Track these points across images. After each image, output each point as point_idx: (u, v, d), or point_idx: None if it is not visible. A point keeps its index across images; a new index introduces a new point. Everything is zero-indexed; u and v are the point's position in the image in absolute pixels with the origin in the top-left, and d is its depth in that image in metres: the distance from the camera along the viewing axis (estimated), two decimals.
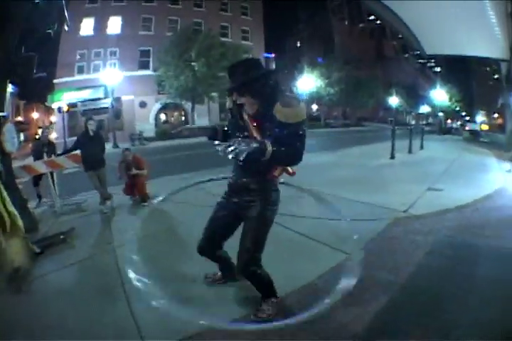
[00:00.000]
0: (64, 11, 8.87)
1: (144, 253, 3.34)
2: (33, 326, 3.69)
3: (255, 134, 3.01)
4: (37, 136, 11.18)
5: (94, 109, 36.04)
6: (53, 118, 42.52)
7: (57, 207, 8.39)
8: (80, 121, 33.83)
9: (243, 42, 42.09)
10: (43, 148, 9.52)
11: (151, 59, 37.91)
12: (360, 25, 73.88)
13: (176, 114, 41.67)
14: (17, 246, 4.84)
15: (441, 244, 4.95)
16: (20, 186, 7.84)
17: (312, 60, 48.69)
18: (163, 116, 41.18)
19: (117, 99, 36.05)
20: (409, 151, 14.51)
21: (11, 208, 5.13)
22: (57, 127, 36.45)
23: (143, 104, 38.00)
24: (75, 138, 9.40)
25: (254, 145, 2.63)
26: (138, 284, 2.75)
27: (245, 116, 3.11)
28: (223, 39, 38.05)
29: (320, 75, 45.11)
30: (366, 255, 3.82)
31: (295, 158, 2.81)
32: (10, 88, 59.46)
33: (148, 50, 38.24)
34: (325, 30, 67.13)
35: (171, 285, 3.86)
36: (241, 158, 2.59)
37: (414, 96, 60.35)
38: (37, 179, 9.21)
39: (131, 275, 2.99)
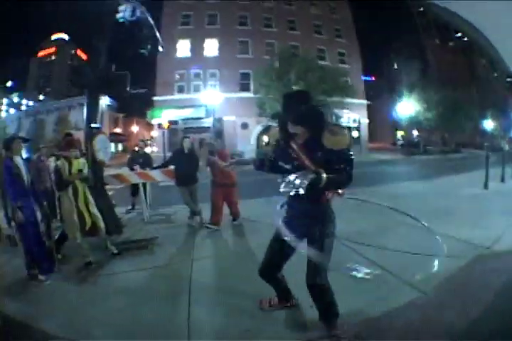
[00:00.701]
0: (155, 32, 9.33)
1: (217, 270, 4.04)
2: (83, 314, 4.24)
3: (306, 162, 3.21)
4: (136, 148, 11.73)
5: (195, 127, 37.14)
6: (154, 134, 44.04)
7: (146, 215, 8.85)
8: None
9: (340, 65, 41.35)
10: (138, 159, 10.07)
11: (251, 81, 37.99)
12: (450, 43, 71.21)
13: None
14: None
15: None
16: (111, 192, 8.37)
17: (409, 82, 47.28)
18: (265, 138, 40.87)
19: (219, 120, 37.11)
20: (502, 180, 13.75)
21: (94, 210, 5.94)
22: (158, 142, 38.03)
23: (245, 126, 38.47)
24: None
25: (311, 176, 2.85)
26: (202, 296, 2.90)
27: (294, 146, 3.33)
28: (321, 62, 37.69)
29: (418, 98, 43.60)
30: (436, 295, 4.13)
31: (346, 181, 3.10)
32: (107, 101, 63.87)
33: (248, 73, 38.49)
34: (418, 49, 65.37)
35: (234, 305, 4.17)
36: (302, 191, 2.81)
37: (506, 118, 56.92)
38: (135, 189, 9.70)
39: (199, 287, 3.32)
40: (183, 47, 40.63)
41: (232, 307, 3.91)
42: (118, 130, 67.16)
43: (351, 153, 3.16)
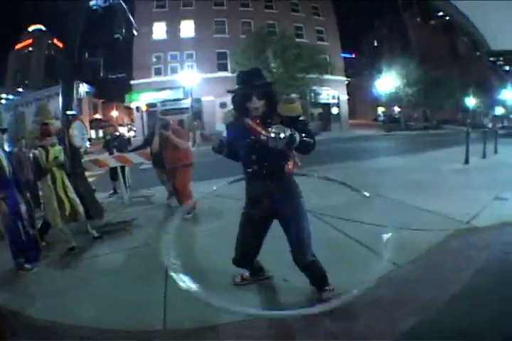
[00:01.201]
0: (128, 17, 9.38)
1: (192, 246, 3.93)
2: (70, 298, 4.34)
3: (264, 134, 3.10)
4: (117, 133, 11.79)
5: (174, 109, 37.33)
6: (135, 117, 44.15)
7: (126, 198, 9.00)
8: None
9: (319, 42, 41.32)
10: (113, 143, 10.18)
11: (228, 61, 37.92)
12: (432, 22, 71.22)
13: None
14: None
15: (495, 260, 4.53)
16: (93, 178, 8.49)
17: (390, 59, 47.28)
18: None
19: (197, 100, 37.28)
20: (483, 156, 13.62)
21: (72, 195, 6.04)
22: (137, 126, 37.97)
23: (223, 105, 38.40)
24: None
25: (288, 132, 2.83)
26: (178, 274, 2.99)
27: (252, 121, 3.32)
28: (299, 40, 37.62)
29: (398, 74, 43.69)
30: (412, 269, 4.12)
31: (313, 144, 3.10)
32: (85, 88, 63.35)
33: (225, 53, 38.49)
34: (399, 28, 65.36)
35: (209, 279, 4.17)
36: (281, 144, 2.82)
37: (489, 96, 57.13)
38: (114, 173, 9.82)
39: (174, 265, 3.43)
40: (159, 30, 40.51)
41: (208, 284, 3.70)
42: (98, 116, 66.82)
43: (306, 120, 3.34)
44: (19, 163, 8.58)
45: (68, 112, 7.79)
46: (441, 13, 63.28)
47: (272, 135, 2.80)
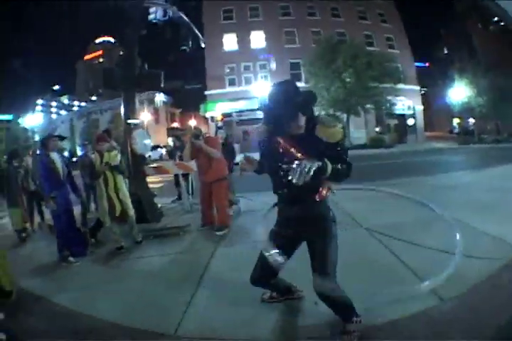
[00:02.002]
0: (193, 29, 9.75)
1: (237, 259, 3.84)
2: (99, 292, 4.77)
3: (300, 157, 2.86)
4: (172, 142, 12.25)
5: (250, 119, 36.78)
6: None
7: (187, 205, 9.31)
8: (236, 129, 36.66)
9: (390, 50, 40.16)
10: (175, 151, 10.57)
11: (302, 71, 37.94)
12: (490, 27, 67.62)
13: None
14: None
15: None
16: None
17: (460, 67, 45.15)
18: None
19: None
20: None
21: (125, 199, 6.45)
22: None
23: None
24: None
25: (317, 163, 2.61)
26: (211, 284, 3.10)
27: (285, 140, 3.02)
28: (369, 48, 36.90)
29: (468, 83, 41.25)
30: (455, 306, 3.66)
31: (348, 173, 2.88)
32: (163, 98, 65.42)
33: (298, 63, 38.42)
34: (464, 35, 62.65)
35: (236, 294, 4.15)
36: (307, 179, 2.58)
37: None
38: (178, 180, 10.21)
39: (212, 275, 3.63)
40: (230, 41, 41.14)
41: (236, 297, 3.94)
42: (175, 124, 68.94)
43: (346, 144, 3.01)
44: (84, 166, 9.21)
45: (129, 121, 8.22)
46: (496, 18, 59.77)
47: (298, 170, 2.59)
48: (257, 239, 6.13)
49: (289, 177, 2.62)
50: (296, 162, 2.62)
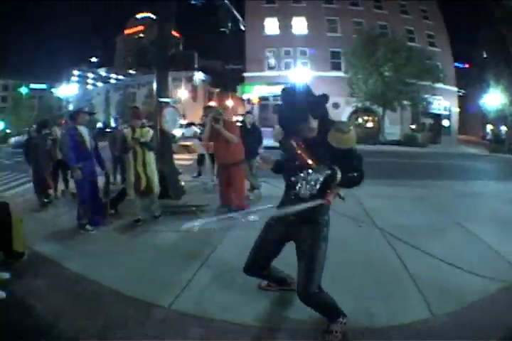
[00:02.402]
0: (233, 11, 9.85)
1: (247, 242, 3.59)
2: (108, 260, 5.09)
3: (310, 161, 2.93)
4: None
5: None
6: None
7: (209, 185, 9.54)
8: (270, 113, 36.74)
9: (430, 48, 39.14)
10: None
11: (341, 60, 37.66)
12: None
13: (367, 118, 40.68)
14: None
15: None
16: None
17: (496, 73, 43.15)
18: (356, 120, 40.31)
19: None
20: None
21: (151, 174, 6.71)
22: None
23: (336, 105, 38.28)
24: (267, 128, 10.15)
25: (327, 171, 2.73)
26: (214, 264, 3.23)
27: (296, 143, 3.07)
28: (410, 43, 36.20)
29: (504, 91, 38.44)
30: (443, 323, 3.55)
31: (359, 180, 2.86)
32: (201, 76, 66.04)
33: (339, 52, 38.00)
34: (502, 41, 60.11)
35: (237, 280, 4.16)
36: (313, 192, 2.80)
37: None
38: (202, 159, 10.46)
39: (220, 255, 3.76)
40: (271, 25, 40.95)
41: (235, 281, 4.02)
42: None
43: (357, 152, 2.94)
44: (115, 139, 9.57)
45: (161, 99, 8.39)
46: None
47: (304, 183, 2.79)
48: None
49: (297, 189, 2.82)
50: (302, 174, 2.80)
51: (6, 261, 4.88)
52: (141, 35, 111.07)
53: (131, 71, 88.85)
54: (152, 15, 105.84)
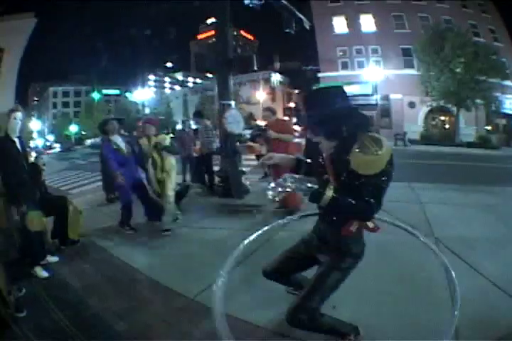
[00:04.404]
0: (294, 12, 9.99)
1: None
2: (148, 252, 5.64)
3: (331, 178, 2.54)
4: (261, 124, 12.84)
5: (361, 104, 34.27)
6: None
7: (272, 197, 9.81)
8: None
9: (494, 43, 37.35)
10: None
11: (414, 58, 36.77)
12: None
13: (443, 118, 39.46)
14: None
15: None
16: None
17: None
18: (433, 120, 39.55)
19: (386, 97, 37.31)
20: None
21: (163, 177, 6.80)
22: None
23: (412, 105, 37.59)
24: None
25: (308, 186, 2.37)
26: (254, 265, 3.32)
27: (323, 154, 2.66)
28: (475, 39, 34.62)
29: None
30: None
31: (362, 212, 2.40)
32: (279, 77, 66.92)
33: (409, 49, 37.11)
34: None
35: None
36: (279, 197, 2.41)
37: None
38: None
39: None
40: (340, 24, 41.03)
41: (266, 283, 3.39)
42: (292, 104, 70.80)
43: (382, 179, 2.33)
44: (181, 141, 10.29)
45: (223, 102, 8.79)
46: None
47: (276, 186, 2.40)
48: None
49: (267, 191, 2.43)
50: (280, 179, 2.41)
51: (59, 247, 5.64)
52: (214, 39, 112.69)
53: (208, 75, 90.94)
54: None
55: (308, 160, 2.92)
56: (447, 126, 38.96)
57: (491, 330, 3.38)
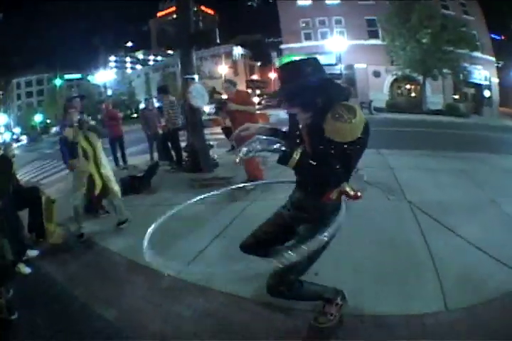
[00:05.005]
0: None
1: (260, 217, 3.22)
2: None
3: (308, 148, 2.47)
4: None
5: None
6: None
7: (239, 156, 9.82)
8: None
9: (464, 16, 37.45)
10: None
11: (379, 28, 37.02)
12: None
13: (409, 87, 40.12)
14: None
15: None
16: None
17: None
18: (398, 88, 40.15)
19: (350, 67, 37.42)
20: None
21: (106, 172, 5.65)
22: None
23: (377, 74, 37.87)
24: None
25: (276, 146, 2.30)
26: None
27: (300, 125, 2.61)
28: (444, 11, 35.12)
29: None
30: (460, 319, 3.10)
31: (328, 179, 2.39)
32: (241, 50, 67.01)
33: (374, 19, 37.32)
34: None
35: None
36: (246, 156, 2.33)
37: None
38: (229, 132, 10.64)
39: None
40: None
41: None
42: (255, 77, 71.69)
43: (353, 148, 2.29)
44: (145, 119, 10.01)
45: (186, 76, 8.63)
46: None
47: (245, 147, 2.33)
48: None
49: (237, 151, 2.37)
50: (250, 140, 2.34)
51: (37, 240, 5.30)
52: (175, 15, 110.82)
53: (169, 51, 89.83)
54: None
55: (285, 130, 2.81)
56: (413, 95, 39.71)
57: (477, 292, 3.42)
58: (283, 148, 2.28)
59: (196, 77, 8.84)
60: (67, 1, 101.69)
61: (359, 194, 2.50)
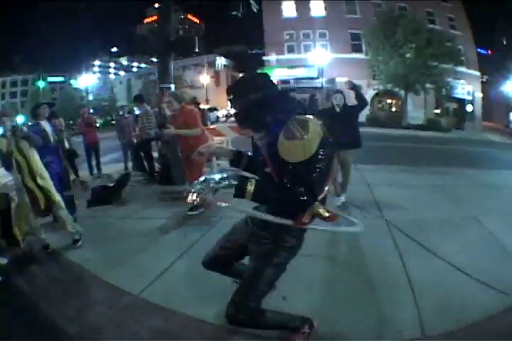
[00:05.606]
0: None
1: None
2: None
3: (270, 170, 2.31)
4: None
5: (306, 87, 35.57)
6: None
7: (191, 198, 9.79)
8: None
9: (451, 31, 37.59)
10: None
11: (363, 42, 36.96)
12: None
13: (391, 101, 40.37)
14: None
15: None
16: None
17: None
18: (379, 103, 40.36)
19: (332, 80, 36.96)
20: None
21: (45, 185, 5.15)
22: None
23: (358, 87, 38.17)
24: None
25: (226, 182, 2.17)
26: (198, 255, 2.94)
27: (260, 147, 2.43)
28: (431, 26, 35.21)
29: None
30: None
31: (290, 204, 2.17)
32: (223, 61, 67.31)
33: (358, 34, 37.37)
34: None
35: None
36: (198, 202, 2.21)
37: None
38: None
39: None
40: (288, 8, 40.96)
41: (209, 274, 3.08)
42: None
43: (317, 165, 2.10)
44: (120, 127, 10.00)
45: (162, 85, 8.49)
46: None
47: (193, 190, 2.20)
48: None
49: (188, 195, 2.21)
50: (200, 179, 2.22)
51: (7, 247, 4.99)
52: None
53: (153, 59, 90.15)
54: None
55: (249, 153, 2.67)
56: (394, 109, 39.99)
57: (457, 316, 3.26)
58: (234, 182, 2.15)
59: (172, 86, 8.64)
60: (57, 1, 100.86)
61: (336, 214, 2.39)
